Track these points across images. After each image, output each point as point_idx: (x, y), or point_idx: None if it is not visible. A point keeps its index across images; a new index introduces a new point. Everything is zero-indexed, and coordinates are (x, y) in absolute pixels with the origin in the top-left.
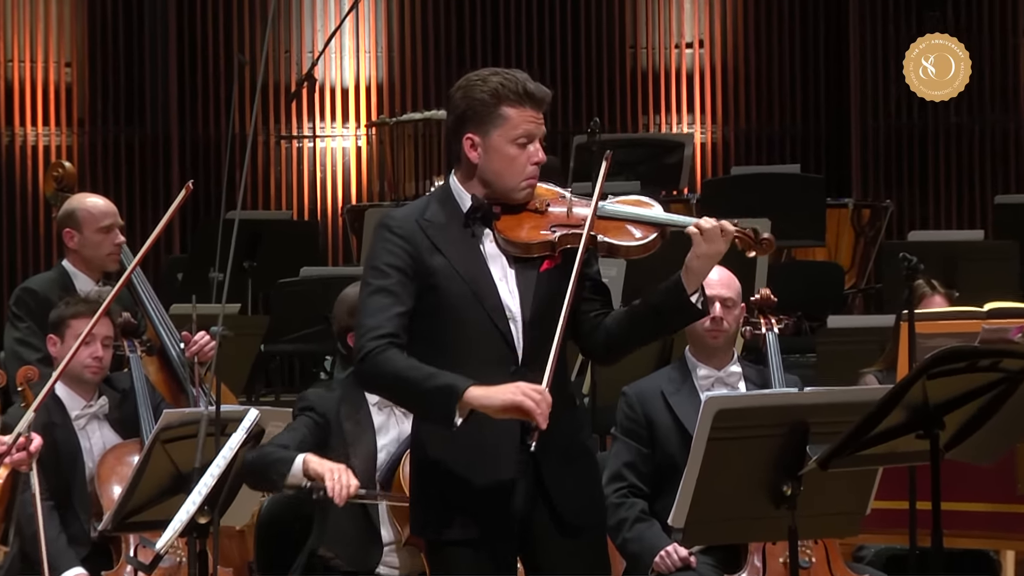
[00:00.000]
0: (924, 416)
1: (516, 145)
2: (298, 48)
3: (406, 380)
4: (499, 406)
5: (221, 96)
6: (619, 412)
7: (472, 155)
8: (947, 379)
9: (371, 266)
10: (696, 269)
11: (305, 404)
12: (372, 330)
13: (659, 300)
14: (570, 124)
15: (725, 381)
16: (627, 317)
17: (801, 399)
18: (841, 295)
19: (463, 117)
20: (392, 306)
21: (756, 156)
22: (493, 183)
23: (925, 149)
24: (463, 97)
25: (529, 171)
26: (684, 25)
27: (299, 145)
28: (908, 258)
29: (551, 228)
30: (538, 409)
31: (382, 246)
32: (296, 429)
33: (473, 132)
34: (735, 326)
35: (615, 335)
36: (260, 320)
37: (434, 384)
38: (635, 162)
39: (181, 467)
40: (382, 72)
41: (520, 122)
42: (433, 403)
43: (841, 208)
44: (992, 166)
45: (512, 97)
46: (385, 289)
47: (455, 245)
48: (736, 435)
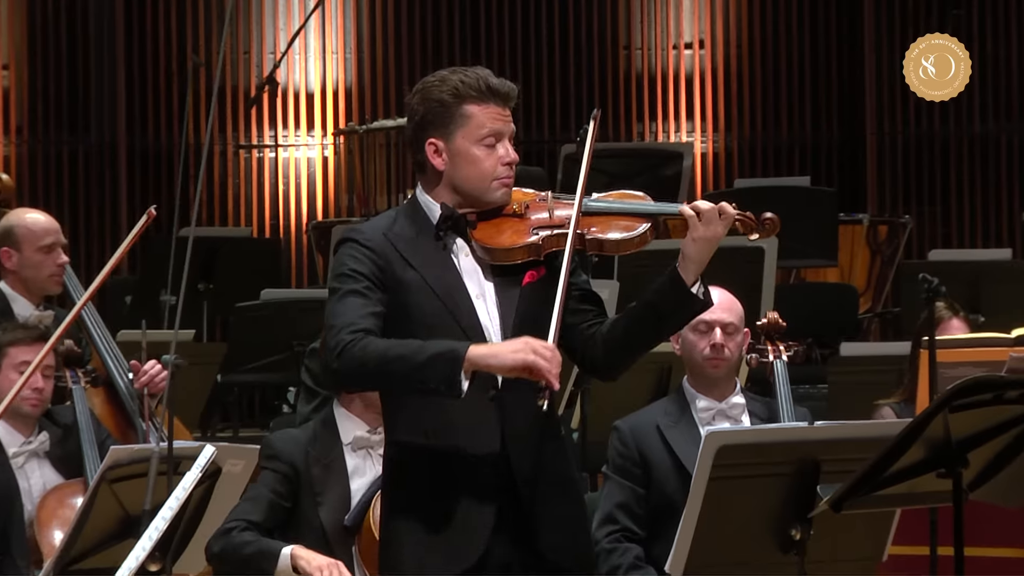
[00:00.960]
0: (946, 453)
1: (483, 146)
2: (258, 49)
3: (396, 358)
4: (509, 365)
5: (174, 101)
6: (611, 448)
7: (437, 161)
8: (971, 412)
9: (337, 274)
10: (693, 255)
11: (269, 452)
12: (347, 326)
13: (656, 296)
14: (557, 133)
15: (727, 414)
16: (624, 321)
17: (811, 434)
18: (855, 320)
19: (423, 122)
20: (366, 306)
21: (762, 167)
22: (463, 189)
23: (947, 160)
24: (421, 100)
25: (500, 172)
26: (683, 24)
27: (260, 155)
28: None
29: (533, 231)
30: (550, 367)
31: (349, 254)
32: (259, 496)
33: (435, 136)
34: (737, 354)
35: (613, 343)
36: (217, 348)
37: (430, 352)
38: (629, 174)
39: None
40: (351, 75)
41: (485, 120)
42: (434, 371)
43: (855, 224)
44: (1021, 178)
45: (474, 94)
46: (356, 292)
47: (427, 259)
48: (740, 473)
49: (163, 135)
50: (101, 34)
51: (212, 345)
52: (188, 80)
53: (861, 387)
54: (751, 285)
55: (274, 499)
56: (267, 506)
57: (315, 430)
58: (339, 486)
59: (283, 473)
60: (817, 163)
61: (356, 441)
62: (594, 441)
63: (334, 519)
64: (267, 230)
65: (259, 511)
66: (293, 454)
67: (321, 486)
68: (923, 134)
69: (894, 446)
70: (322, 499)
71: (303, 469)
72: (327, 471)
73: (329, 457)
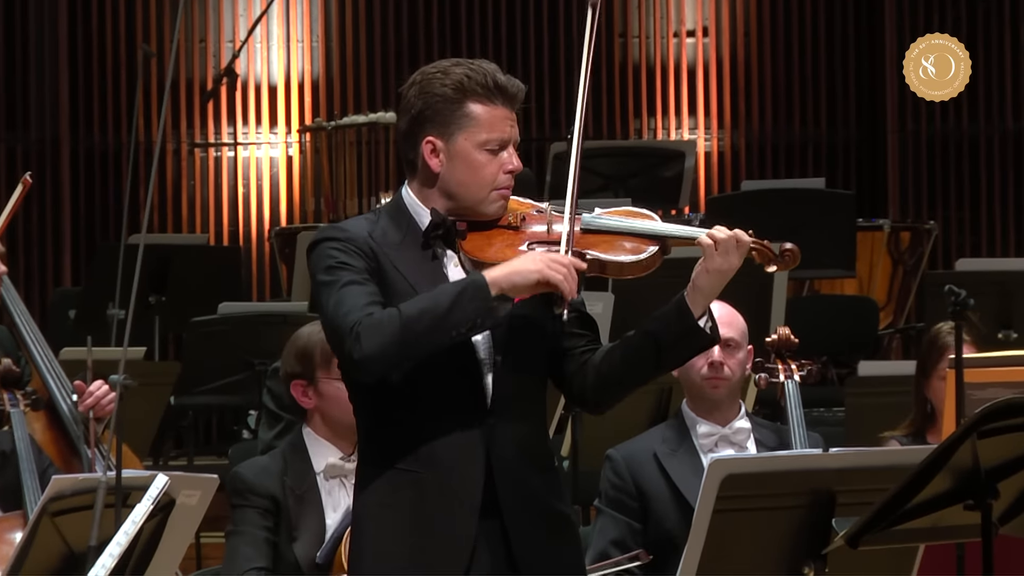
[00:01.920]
0: (974, 483)
1: (486, 151)
2: (216, 37)
3: (418, 314)
4: (533, 281)
5: (122, 96)
6: (604, 479)
7: (433, 162)
8: (1002, 438)
9: (326, 267)
10: (705, 287)
11: (242, 487)
12: (355, 308)
13: (660, 326)
14: (546, 130)
15: (731, 440)
16: (620, 351)
17: (826, 462)
18: (875, 336)
19: (420, 117)
20: (369, 295)
21: (772, 168)
22: (458, 195)
23: (976, 160)
24: (420, 93)
25: (501, 181)
26: (685, 10)
27: (217, 154)
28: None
29: (528, 246)
30: (568, 278)
31: (335, 248)
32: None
33: (434, 135)
34: (739, 372)
35: (606, 374)
36: (170, 367)
37: (451, 294)
38: (626, 175)
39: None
40: (317, 66)
41: (490, 122)
42: (465, 310)
43: (875, 231)
44: None
45: (480, 91)
46: (355, 281)
47: (415, 267)
48: (747, 506)
49: (110, 133)
50: (41, 21)
51: (164, 364)
52: (138, 72)
53: (881, 410)
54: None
55: (269, 537)
56: (267, 547)
57: (285, 458)
58: (314, 519)
59: (264, 508)
60: (833, 163)
61: (329, 469)
62: (586, 471)
63: (309, 555)
64: (225, 237)
65: (264, 556)
66: (268, 485)
67: (296, 520)
68: (949, 132)
69: (917, 476)
70: (297, 533)
71: (282, 500)
72: (301, 503)
73: (302, 488)
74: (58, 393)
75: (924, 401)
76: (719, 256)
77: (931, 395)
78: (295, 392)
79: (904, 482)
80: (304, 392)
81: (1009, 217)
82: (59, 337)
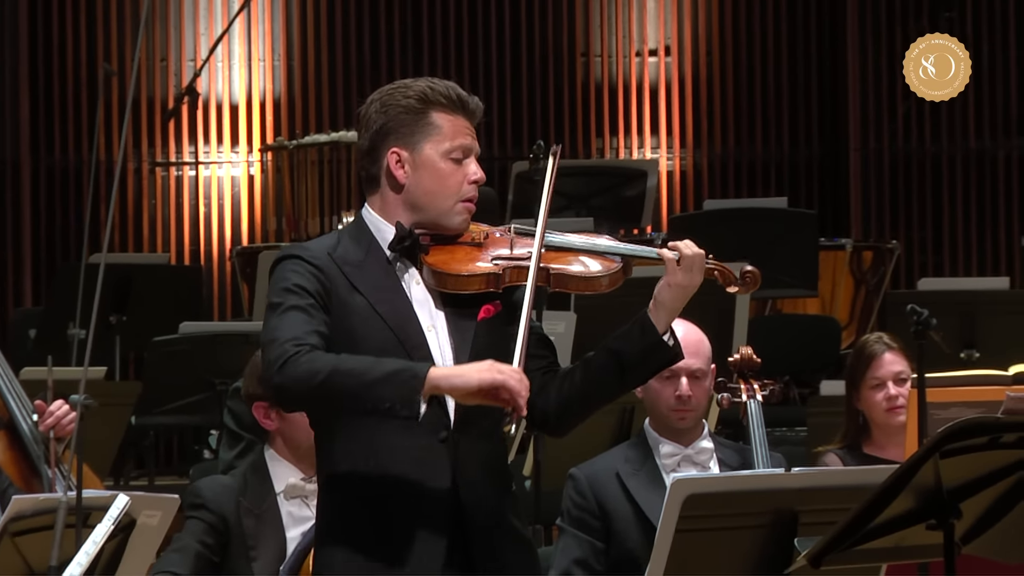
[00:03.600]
0: (937, 502)
1: (451, 159)
2: (177, 56)
3: (347, 372)
4: (475, 386)
5: (83, 115)
6: (566, 499)
7: (398, 173)
8: (964, 458)
9: (279, 288)
10: (667, 302)
11: (195, 500)
12: (291, 339)
13: (622, 344)
14: (508, 149)
15: (694, 460)
16: (582, 371)
17: (788, 482)
18: (837, 355)
19: (384, 130)
20: (310, 323)
21: (734, 187)
22: (424, 206)
23: (939, 179)
24: (382, 108)
25: (466, 191)
26: (647, 29)
27: (178, 173)
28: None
29: (492, 261)
30: (520, 390)
31: (292, 269)
32: (187, 547)
33: (399, 146)
34: (705, 400)
35: (568, 395)
36: (130, 387)
37: (387, 369)
38: (588, 194)
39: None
40: (279, 85)
41: (455, 132)
42: (390, 390)
43: (837, 250)
44: (1020, 200)
45: (443, 102)
46: (300, 308)
47: (376, 285)
48: (710, 525)
49: (71, 151)
50: (2, 40)
51: (125, 384)
52: (99, 91)
53: None
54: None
55: (202, 551)
56: (195, 558)
57: (246, 477)
58: (274, 539)
59: (210, 524)
60: (796, 182)
61: (289, 490)
62: (549, 490)
63: (271, 572)
64: (186, 256)
65: (187, 564)
66: (223, 504)
67: (254, 539)
68: (912, 151)
69: (879, 495)
70: (256, 553)
71: (233, 521)
72: (260, 522)
73: (262, 507)
74: (18, 413)
75: (856, 413)
76: (681, 272)
77: (862, 406)
78: (257, 414)
79: (867, 502)
80: (266, 414)
81: (972, 237)
82: (19, 357)
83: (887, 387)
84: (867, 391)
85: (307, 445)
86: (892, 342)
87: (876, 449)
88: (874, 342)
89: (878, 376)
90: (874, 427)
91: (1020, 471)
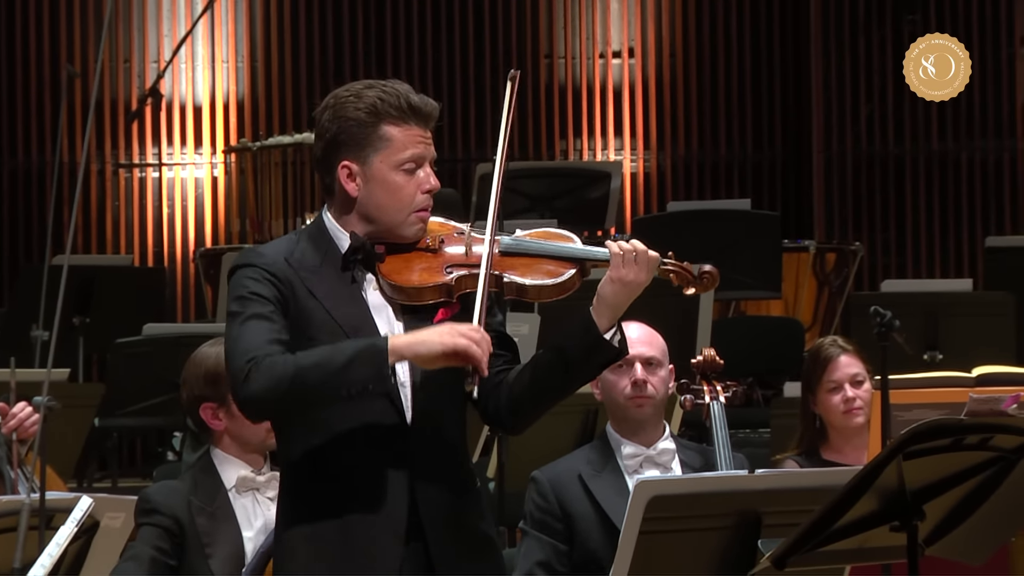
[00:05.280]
0: (900, 504)
1: (402, 171)
2: (140, 57)
3: (312, 366)
4: (438, 351)
5: (46, 116)
6: (529, 501)
7: (349, 186)
8: (928, 459)
9: (237, 296)
10: (608, 296)
11: (146, 507)
12: (251, 348)
13: (565, 341)
14: (472, 150)
15: (656, 461)
16: (530, 370)
17: (751, 483)
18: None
19: (335, 142)
20: (272, 331)
21: (697, 188)
22: (376, 218)
23: (902, 181)
24: (333, 118)
25: (419, 201)
26: (611, 30)
27: (142, 175)
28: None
29: (446, 269)
30: (480, 350)
31: (249, 277)
32: (141, 555)
33: (349, 159)
34: (663, 391)
35: (518, 394)
36: (94, 388)
37: (349, 352)
38: (552, 196)
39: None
40: (243, 87)
41: (405, 143)
42: (358, 371)
43: (801, 252)
44: (983, 202)
45: (394, 113)
46: (261, 315)
47: (333, 291)
48: (673, 527)
49: (34, 153)
50: None
51: (88, 386)
52: (62, 92)
53: None
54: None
55: (157, 556)
56: (150, 563)
57: (194, 478)
58: (229, 534)
59: (165, 528)
60: (759, 184)
61: (241, 483)
62: (512, 492)
63: (228, 569)
64: (150, 258)
65: (141, 571)
66: (174, 506)
67: (209, 536)
68: (875, 153)
69: (843, 497)
70: (212, 550)
71: (187, 522)
72: (213, 520)
73: (214, 505)
74: None
75: (812, 417)
76: (623, 267)
77: (819, 410)
78: (204, 415)
79: (830, 503)
80: (215, 414)
81: (935, 238)
82: None
83: (844, 389)
84: (824, 394)
85: (257, 441)
86: (847, 344)
87: (834, 453)
88: (829, 345)
89: (834, 379)
90: (831, 430)
91: (983, 473)
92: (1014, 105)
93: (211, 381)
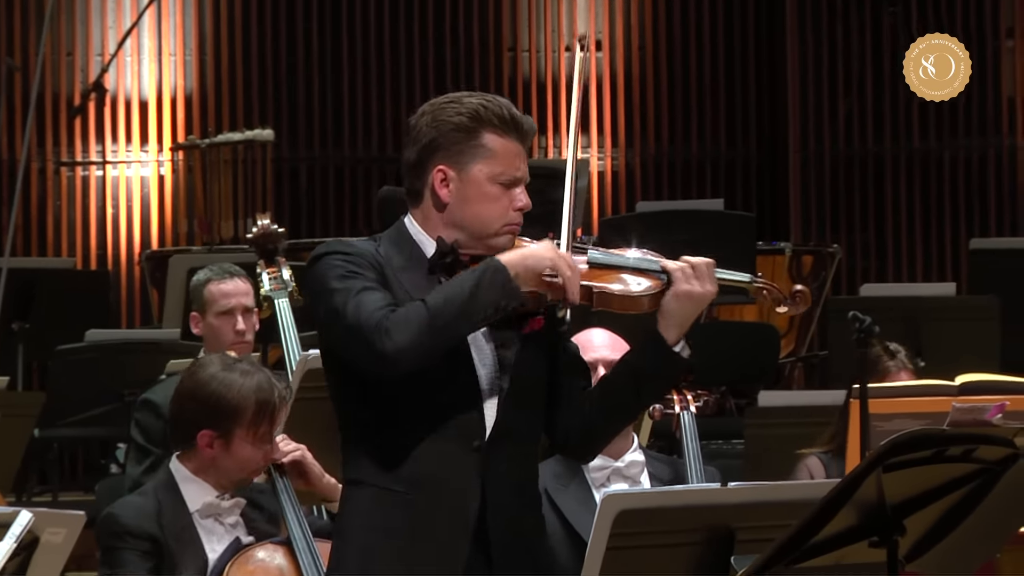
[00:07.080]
0: (879, 518)
1: (498, 184)
2: (83, 50)
3: (444, 302)
4: (546, 265)
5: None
6: None
7: (442, 192)
8: (908, 471)
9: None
10: (675, 313)
11: (117, 528)
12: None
13: (635, 357)
14: None
15: (624, 473)
16: (599, 389)
17: (724, 497)
18: (776, 365)
19: (432, 146)
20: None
21: (668, 188)
22: (467, 227)
23: (882, 180)
24: (432, 122)
25: (512, 218)
26: (577, 23)
27: (85, 173)
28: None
29: None
30: (573, 276)
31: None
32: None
33: (446, 164)
34: None
35: (589, 414)
36: (34, 397)
37: (471, 281)
38: None
39: None
40: (191, 81)
41: (505, 156)
42: (488, 294)
43: (776, 255)
44: (966, 202)
45: (496, 122)
46: (371, 288)
47: (421, 293)
48: (642, 543)
49: None
50: None
51: (28, 394)
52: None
53: (782, 442)
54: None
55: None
56: None
57: (158, 499)
58: (194, 558)
59: (144, 551)
60: (732, 183)
61: (205, 508)
62: None
63: None
64: (93, 261)
65: None
66: (146, 527)
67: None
68: (854, 151)
69: (819, 511)
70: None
71: (163, 541)
72: (180, 543)
73: (178, 528)
74: None
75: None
76: (686, 282)
77: None
78: (200, 441)
79: (806, 518)
80: (211, 443)
81: (916, 240)
82: None
83: None
84: None
85: (237, 479)
86: (907, 362)
87: None
88: (890, 358)
89: None
90: None
91: (967, 485)
92: (999, 101)
93: (226, 411)
